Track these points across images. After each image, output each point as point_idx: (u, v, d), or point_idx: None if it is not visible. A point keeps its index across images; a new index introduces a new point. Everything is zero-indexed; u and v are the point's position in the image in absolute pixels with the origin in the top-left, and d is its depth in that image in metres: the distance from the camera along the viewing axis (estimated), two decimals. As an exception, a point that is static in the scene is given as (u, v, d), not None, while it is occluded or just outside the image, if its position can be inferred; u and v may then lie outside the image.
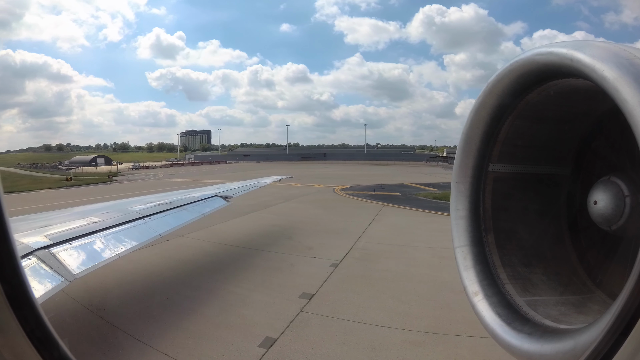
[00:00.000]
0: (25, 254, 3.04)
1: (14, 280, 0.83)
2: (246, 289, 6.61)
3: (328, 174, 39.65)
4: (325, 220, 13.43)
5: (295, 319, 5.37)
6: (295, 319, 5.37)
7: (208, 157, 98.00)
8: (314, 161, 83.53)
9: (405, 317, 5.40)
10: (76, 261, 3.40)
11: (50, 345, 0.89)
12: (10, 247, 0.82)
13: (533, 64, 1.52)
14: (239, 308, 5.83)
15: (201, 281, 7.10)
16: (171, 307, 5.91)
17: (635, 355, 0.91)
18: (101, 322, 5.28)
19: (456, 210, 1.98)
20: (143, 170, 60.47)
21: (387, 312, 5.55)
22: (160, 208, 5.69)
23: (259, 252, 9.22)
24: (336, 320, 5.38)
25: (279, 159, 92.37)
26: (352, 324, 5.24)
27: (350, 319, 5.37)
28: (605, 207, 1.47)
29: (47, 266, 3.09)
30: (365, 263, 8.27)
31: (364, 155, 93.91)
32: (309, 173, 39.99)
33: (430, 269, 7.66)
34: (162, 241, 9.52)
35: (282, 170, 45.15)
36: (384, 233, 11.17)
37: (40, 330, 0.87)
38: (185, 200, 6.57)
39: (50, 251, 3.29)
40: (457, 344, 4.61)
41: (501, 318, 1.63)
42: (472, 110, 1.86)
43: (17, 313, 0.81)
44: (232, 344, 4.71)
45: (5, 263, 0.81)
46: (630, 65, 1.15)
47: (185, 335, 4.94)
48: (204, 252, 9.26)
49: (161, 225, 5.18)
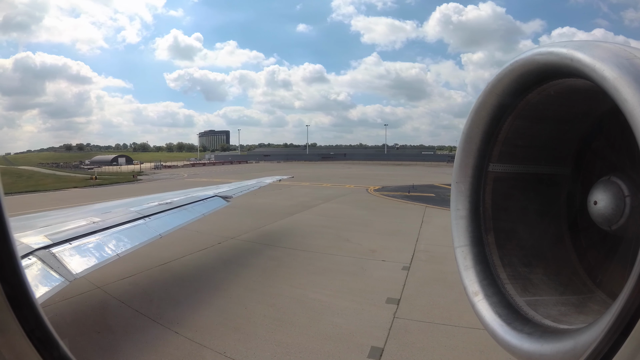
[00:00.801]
0: (25, 254, 3.05)
1: (14, 280, 0.83)
2: (328, 296, 6.39)
3: (354, 174, 39.34)
4: (374, 222, 13.31)
5: (392, 326, 5.23)
6: (392, 326, 5.23)
7: (228, 157, 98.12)
8: (335, 161, 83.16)
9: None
10: (76, 261, 3.40)
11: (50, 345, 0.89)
12: (10, 247, 0.82)
13: (533, 64, 1.52)
14: (329, 316, 5.58)
15: (278, 288, 6.79)
16: (255, 318, 5.52)
17: (635, 355, 0.91)
18: (193, 346, 4.76)
19: (456, 210, 1.98)
20: (165, 169, 60.08)
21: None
22: (160, 208, 5.70)
23: (323, 256, 8.94)
24: (434, 325, 5.31)
25: (299, 159, 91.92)
26: (451, 328, 5.16)
27: (448, 323, 5.29)
28: (605, 207, 1.47)
29: (47, 266, 3.09)
30: (434, 265, 8.11)
31: (385, 155, 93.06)
32: (335, 173, 40.01)
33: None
34: (215, 243, 9.86)
35: (305, 170, 45.22)
36: (438, 234, 10.89)
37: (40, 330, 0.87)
38: (185, 201, 6.57)
39: (50, 251, 3.29)
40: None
41: (501, 318, 1.63)
42: (472, 110, 1.86)
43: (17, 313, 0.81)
44: (339, 357, 4.48)
45: (5, 263, 0.81)
46: (630, 65, 1.15)
47: (284, 350, 4.61)
48: (266, 256, 9.02)
49: (161, 225, 5.18)
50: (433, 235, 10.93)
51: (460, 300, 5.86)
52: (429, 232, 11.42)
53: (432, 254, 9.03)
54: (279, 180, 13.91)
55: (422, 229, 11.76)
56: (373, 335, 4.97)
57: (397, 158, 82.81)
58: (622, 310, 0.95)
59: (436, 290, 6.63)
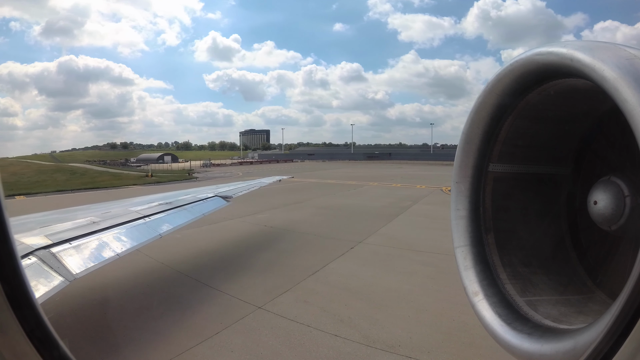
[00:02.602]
0: (25, 254, 3.05)
1: (14, 280, 0.83)
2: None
3: (411, 174, 38.58)
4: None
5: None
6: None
7: (272, 156, 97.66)
8: (381, 161, 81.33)
9: None
10: (76, 261, 3.40)
11: (50, 345, 0.89)
12: (10, 247, 0.82)
13: (533, 64, 1.52)
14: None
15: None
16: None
17: (635, 355, 0.91)
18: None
19: (456, 210, 1.98)
20: (215, 168, 58.77)
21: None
22: (160, 208, 5.70)
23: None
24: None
25: (343, 158, 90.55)
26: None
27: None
28: (605, 207, 1.47)
29: (47, 266, 3.09)
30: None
31: (431, 155, 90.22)
32: (392, 173, 39.40)
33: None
34: (349, 248, 9.38)
35: (360, 170, 44.59)
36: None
37: (40, 330, 0.87)
38: (185, 201, 6.57)
39: (50, 251, 3.29)
40: None
41: (501, 318, 1.63)
42: (472, 109, 1.86)
43: (17, 313, 0.81)
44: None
45: (5, 263, 0.81)
46: (630, 65, 1.15)
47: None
48: (423, 263, 8.33)
49: (161, 225, 5.18)
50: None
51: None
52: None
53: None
54: (278, 180, 13.89)
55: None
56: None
57: (443, 158, 76.86)
58: (622, 311, 0.95)
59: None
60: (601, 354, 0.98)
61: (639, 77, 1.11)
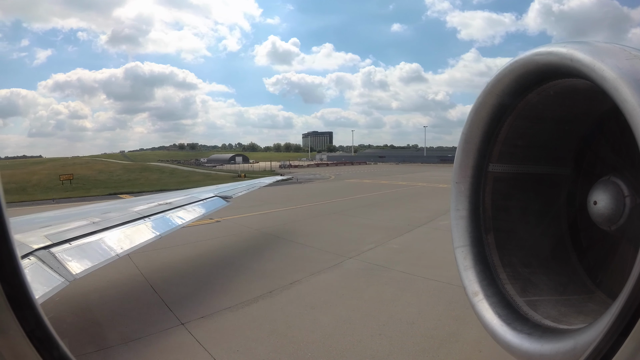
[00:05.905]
0: (25, 254, 3.04)
1: (14, 280, 0.83)
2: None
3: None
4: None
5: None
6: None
7: (341, 158, 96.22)
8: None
9: None
10: (76, 261, 3.40)
11: (50, 345, 0.89)
12: (10, 247, 0.82)
13: (533, 64, 1.52)
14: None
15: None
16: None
17: (635, 355, 0.91)
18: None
19: (456, 210, 1.98)
20: (294, 169, 56.90)
21: None
22: (160, 208, 5.70)
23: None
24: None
25: (416, 160, 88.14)
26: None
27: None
28: (605, 207, 1.47)
29: (47, 266, 3.08)
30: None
31: None
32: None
33: None
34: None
35: (447, 173, 42.29)
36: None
37: (40, 330, 0.87)
38: (185, 201, 6.57)
39: (50, 251, 3.28)
40: None
41: (501, 318, 1.62)
42: (471, 110, 1.86)
43: (17, 313, 0.81)
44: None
45: (5, 263, 0.81)
46: (630, 65, 1.15)
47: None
48: None
49: (161, 225, 5.18)
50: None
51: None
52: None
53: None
54: (276, 180, 13.94)
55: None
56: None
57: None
58: (622, 311, 0.94)
59: None
60: (601, 354, 0.98)
61: (639, 77, 1.11)
